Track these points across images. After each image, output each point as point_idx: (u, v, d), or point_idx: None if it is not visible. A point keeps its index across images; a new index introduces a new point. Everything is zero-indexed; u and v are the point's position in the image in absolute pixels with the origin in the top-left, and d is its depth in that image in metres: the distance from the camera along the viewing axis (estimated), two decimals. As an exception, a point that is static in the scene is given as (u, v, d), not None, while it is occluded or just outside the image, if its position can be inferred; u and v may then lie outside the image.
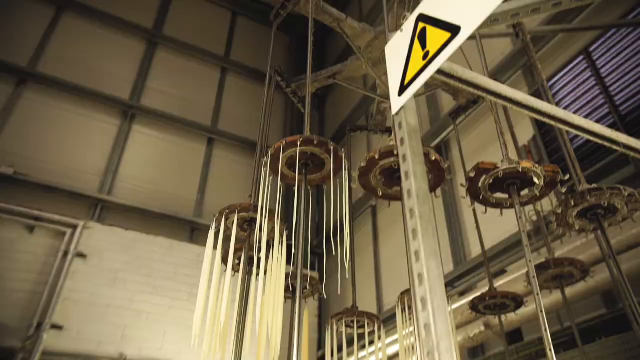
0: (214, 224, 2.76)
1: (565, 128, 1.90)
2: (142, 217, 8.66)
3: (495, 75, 5.67)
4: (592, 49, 5.25)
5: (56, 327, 6.68)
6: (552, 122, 1.86)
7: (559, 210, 2.60)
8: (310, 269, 9.02)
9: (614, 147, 1.91)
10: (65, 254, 7.18)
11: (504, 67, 6.25)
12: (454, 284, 5.95)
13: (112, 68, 10.01)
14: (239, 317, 2.76)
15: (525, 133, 5.55)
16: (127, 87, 9.96)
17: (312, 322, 9.00)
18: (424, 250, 1.37)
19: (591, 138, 1.92)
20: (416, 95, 1.67)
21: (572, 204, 2.51)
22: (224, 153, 10.45)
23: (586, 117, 4.98)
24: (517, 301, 3.53)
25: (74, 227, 7.40)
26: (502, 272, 5.10)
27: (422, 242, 1.38)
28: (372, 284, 8.35)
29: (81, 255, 7.31)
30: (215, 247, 2.81)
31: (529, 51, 3.64)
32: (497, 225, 4.36)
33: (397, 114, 1.68)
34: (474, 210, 4.63)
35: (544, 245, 4.17)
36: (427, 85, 3.45)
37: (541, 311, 2.08)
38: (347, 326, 3.77)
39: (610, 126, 2.56)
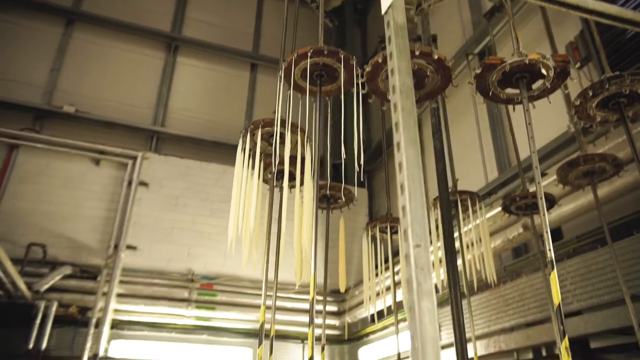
0: (240, 140, 2.94)
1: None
2: (194, 145, 9.12)
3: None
4: None
5: (130, 247, 7.46)
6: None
7: (578, 102, 2.52)
8: (360, 187, 9.25)
9: None
10: (129, 183, 7.81)
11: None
12: (497, 191, 5.95)
13: (150, 3, 10.13)
14: (268, 226, 3.02)
15: (572, 31, 5.19)
16: (167, 20, 10.10)
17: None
18: (404, 141, 1.46)
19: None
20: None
21: (591, 94, 2.43)
22: (267, 78, 10.53)
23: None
24: (549, 200, 3.54)
25: (134, 158, 7.97)
26: (543, 175, 5.03)
27: (402, 134, 1.47)
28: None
29: (143, 183, 7.93)
30: (246, 164, 3.01)
31: None
32: (539, 129, 4.26)
33: (385, 12, 1.70)
34: (507, 112, 4.53)
35: (591, 142, 4.06)
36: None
37: (541, 198, 2.13)
38: (381, 232, 3.97)
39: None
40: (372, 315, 4.34)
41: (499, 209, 4.86)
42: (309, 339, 2.32)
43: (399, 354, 3.87)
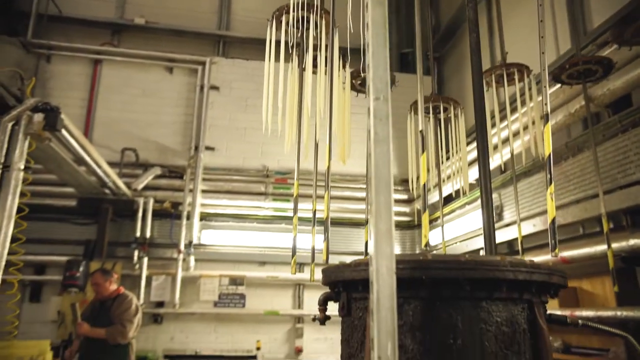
0: (268, 25, 3.03)
1: None
2: (259, 46, 9.21)
3: None
4: None
5: (209, 148, 8.09)
6: None
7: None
8: (426, 74, 8.92)
9: None
10: (201, 88, 8.26)
11: None
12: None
13: None
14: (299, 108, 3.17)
15: None
16: None
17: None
18: (370, 2, 1.48)
19: None
20: None
21: None
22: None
23: None
24: (604, 64, 3.28)
25: (203, 63, 8.32)
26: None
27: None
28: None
29: (214, 87, 8.33)
30: (278, 53, 3.12)
31: None
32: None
33: None
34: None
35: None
36: None
37: (543, 52, 2.02)
38: (427, 113, 3.95)
39: None
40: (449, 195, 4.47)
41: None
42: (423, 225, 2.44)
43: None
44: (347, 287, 1.72)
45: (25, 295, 7.08)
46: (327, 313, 1.88)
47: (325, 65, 3.05)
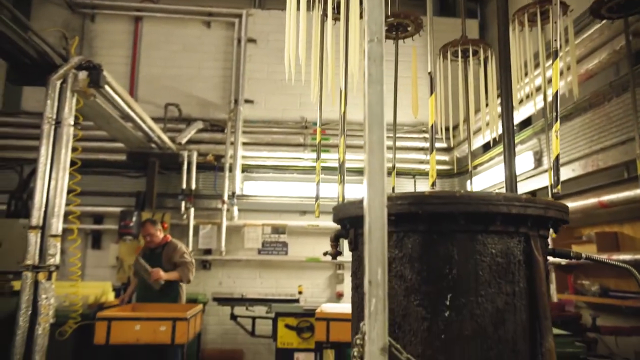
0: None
1: None
2: (295, -5, 9.08)
3: None
4: None
5: (248, 101, 8.24)
6: None
7: None
8: (471, 17, 8.55)
9: None
10: (239, 41, 8.32)
11: None
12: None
13: None
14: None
15: None
16: None
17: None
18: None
19: None
20: None
21: None
22: None
23: None
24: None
25: (239, 16, 8.33)
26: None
27: None
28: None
29: (251, 40, 8.38)
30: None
31: None
32: None
33: None
34: None
35: None
36: None
37: None
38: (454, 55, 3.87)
39: None
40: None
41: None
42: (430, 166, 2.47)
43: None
44: (353, 223, 1.82)
45: (88, 243, 7.71)
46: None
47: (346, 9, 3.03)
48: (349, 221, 1.83)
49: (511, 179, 2.35)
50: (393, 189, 3.57)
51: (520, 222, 1.55)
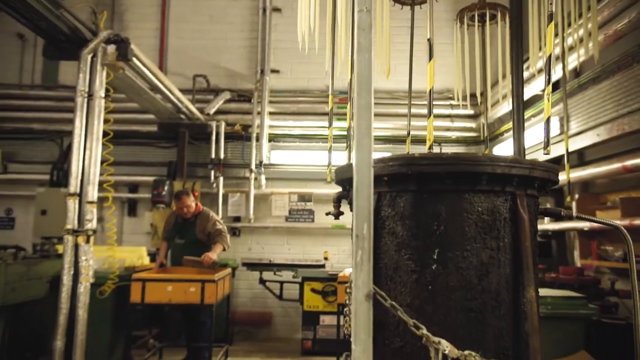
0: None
1: None
2: (319, -39, 8.99)
3: None
4: None
5: (274, 71, 8.33)
6: None
7: None
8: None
9: None
10: (264, 10, 8.35)
11: None
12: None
13: None
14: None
15: None
16: None
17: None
18: None
19: None
20: None
21: None
22: None
23: None
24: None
25: (264, -16, 8.35)
26: None
27: None
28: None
29: (276, 9, 8.39)
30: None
31: None
32: None
33: None
34: None
35: None
36: None
37: None
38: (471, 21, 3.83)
39: None
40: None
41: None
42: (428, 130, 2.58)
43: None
44: (352, 184, 1.93)
45: (124, 211, 8.12)
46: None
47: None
48: (349, 182, 1.95)
49: (519, 141, 2.39)
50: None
51: (506, 182, 1.63)
